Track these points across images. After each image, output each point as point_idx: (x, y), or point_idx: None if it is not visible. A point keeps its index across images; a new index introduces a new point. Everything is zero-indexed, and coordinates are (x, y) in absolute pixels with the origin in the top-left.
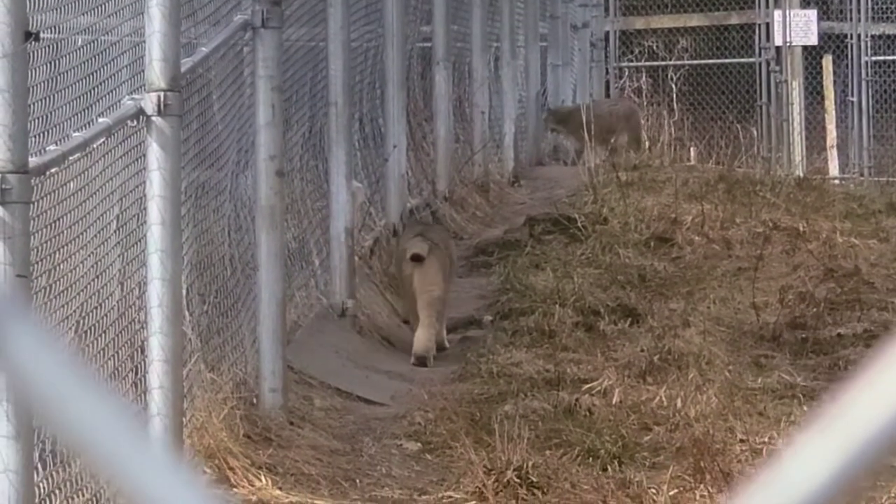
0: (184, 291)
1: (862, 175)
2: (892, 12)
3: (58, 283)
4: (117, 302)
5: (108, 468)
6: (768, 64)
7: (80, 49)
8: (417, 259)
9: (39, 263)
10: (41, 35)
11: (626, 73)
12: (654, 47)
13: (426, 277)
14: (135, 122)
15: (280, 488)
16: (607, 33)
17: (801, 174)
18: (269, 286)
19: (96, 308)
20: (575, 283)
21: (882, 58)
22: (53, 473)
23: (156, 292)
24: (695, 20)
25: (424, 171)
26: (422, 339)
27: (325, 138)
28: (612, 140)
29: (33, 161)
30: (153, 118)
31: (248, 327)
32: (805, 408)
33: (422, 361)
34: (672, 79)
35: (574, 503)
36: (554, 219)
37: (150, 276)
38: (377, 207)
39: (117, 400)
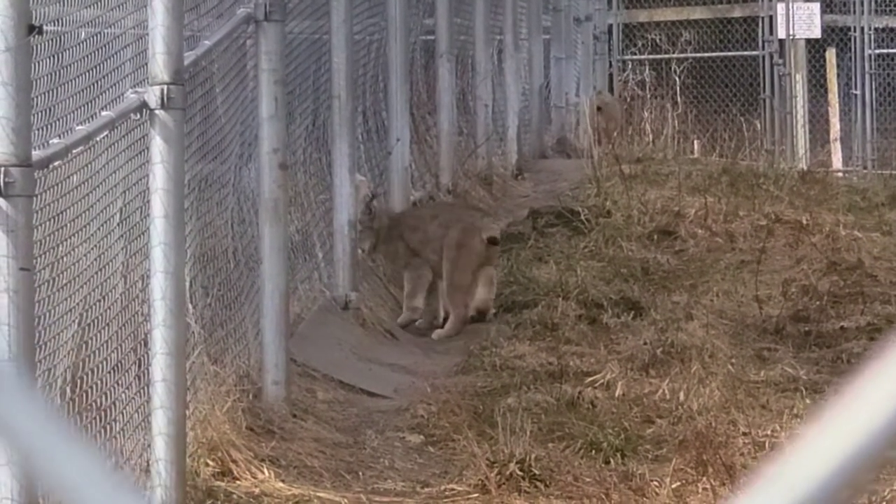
0: (187, 284)
1: (865, 168)
2: (895, 5)
3: (61, 276)
4: (121, 295)
5: None
6: (772, 57)
7: (83, 42)
8: (494, 242)
9: (43, 256)
10: (44, 28)
11: (630, 66)
12: (658, 40)
13: (493, 260)
14: (138, 116)
15: (283, 481)
16: (610, 26)
17: (805, 167)
18: (272, 279)
19: (100, 301)
20: (578, 276)
21: (886, 51)
22: None
23: (159, 285)
24: (698, 13)
25: (428, 163)
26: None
27: (329, 131)
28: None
29: (36, 154)
30: (156, 111)
31: (252, 320)
32: (808, 401)
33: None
34: (675, 72)
35: (576, 496)
36: (557, 212)
37: (154, 269)
38: (380, 200)
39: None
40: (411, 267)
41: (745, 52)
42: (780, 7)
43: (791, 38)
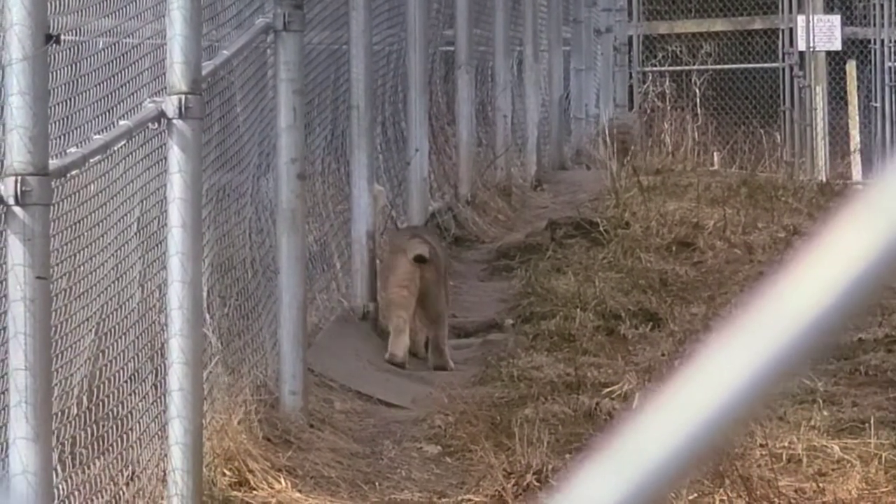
0: (204, 294)
1: None
2: None
3: (78, 285)
4: (137, 304)
5: None
6: (792, 69)
7: (101, 52)
8: (421, 260)
9: (60, 265)
10: (62, 38)
11: (650, 78)
12: (678, 52)
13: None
14: (156, 125)
15: (300, 491)
16: (631, 38)
17: (824, 179)
18: (289, 289)
19: (116, 310)
20: (596, 287)
21: None
22: (72, 475)
23: (176, 295)
24: (718, 25)
25: (447, 174)
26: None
27: (347, 141)
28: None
29: (54, 163)
30: (174, 121)
31: (269, 330)
32: (825, 413)
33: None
34: (696, 83)
35: None
36: (576, 223)
37: (171, 279)
38: (399, 211)
39: None
40: None
41: (766, 64)
42: (801, 19)
43: (811, 50)
